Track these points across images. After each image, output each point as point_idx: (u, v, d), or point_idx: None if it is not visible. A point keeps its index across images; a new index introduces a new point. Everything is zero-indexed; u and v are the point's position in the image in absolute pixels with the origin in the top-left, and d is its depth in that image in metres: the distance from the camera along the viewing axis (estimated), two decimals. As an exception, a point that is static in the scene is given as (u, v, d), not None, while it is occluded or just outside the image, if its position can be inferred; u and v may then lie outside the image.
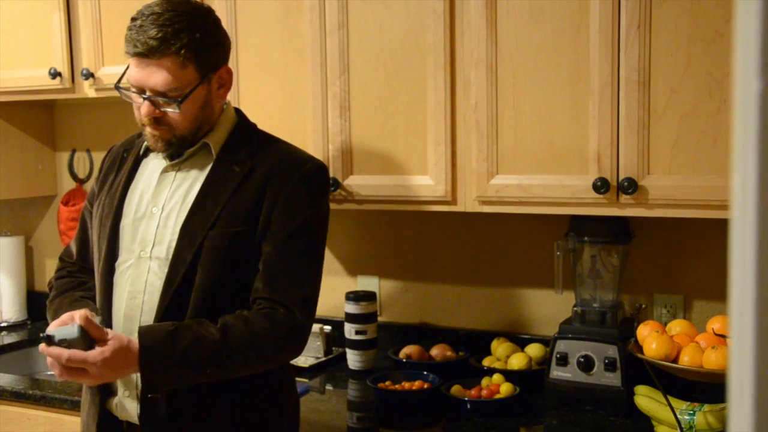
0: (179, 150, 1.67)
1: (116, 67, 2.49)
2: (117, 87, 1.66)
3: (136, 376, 1.62)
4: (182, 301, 1.59)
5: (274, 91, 2.24)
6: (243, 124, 1.74)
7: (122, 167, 1.76)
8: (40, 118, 3.09)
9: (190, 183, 1.66)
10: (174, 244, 1.61)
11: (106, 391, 1.68)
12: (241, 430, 1.64)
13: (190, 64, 1.57)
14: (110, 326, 1.66)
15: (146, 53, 1.54)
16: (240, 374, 1.60)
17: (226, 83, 1.68)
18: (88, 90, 2.57)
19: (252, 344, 1.56)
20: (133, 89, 1.61)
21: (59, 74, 2.57)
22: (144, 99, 1.59)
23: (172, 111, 1.59)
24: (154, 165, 1.72)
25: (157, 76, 1.56)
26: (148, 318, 1.60)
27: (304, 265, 1.64)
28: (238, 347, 1.54)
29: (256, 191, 1.62)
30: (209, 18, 1.63)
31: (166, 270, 1.61)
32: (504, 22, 1.95)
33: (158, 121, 1.61)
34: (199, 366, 1.53)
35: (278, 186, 1.63)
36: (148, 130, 1.63)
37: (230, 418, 1.62)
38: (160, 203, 1.66)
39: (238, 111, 1.77)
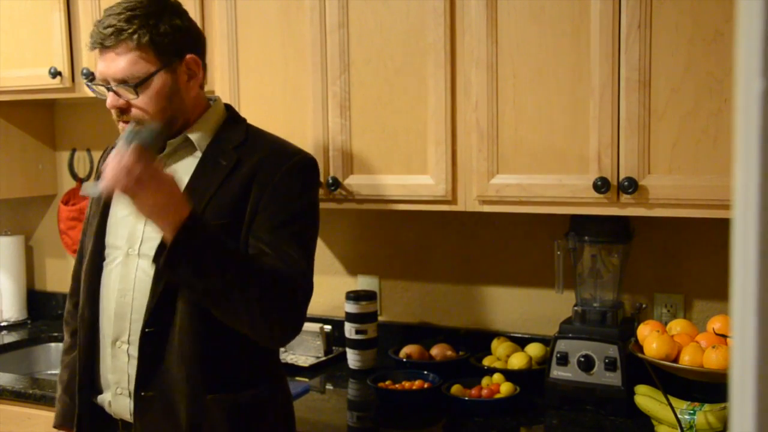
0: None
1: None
2: (88, 84, 1.66)
3: (129, 373, 1.61)
4: (172, 296, 1.57)
5: (275, 91, 2.24)
6: (231, 119, 1.71)
7: None
8: (41, 117, 3.09)
9: (177, 179, 1.64)
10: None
11: (93, 388, 1.67)
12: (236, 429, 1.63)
13: (148, 50, 1.57)
14: (98, 323, 1.66)
15: (102, 42, 1.57)
16: (250, 309, 1.49)
17: (196, 74, 1.64)
18: (88, 89, 2.57)
19: (272, 274, 1.51)
20: (101, 83, 1.61)
21: (59, 73, 2.57)
22: (108, 90, 1.60)
23: (132, 98, 1.58)
24: None
25: (115, 64, 1.57)
26: (139, 315, 1.59)
27: (295, 250, 1.58)
28: (260, 269, 1.50)
29: (242, 184, 1.59)
30: (168, 6, 1.62)
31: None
32: (504, 22, 1.95)
33: (124, 112, 1.60)
34: (227, 262, 1.46)
35: (265, 178, 1.60)
36: (120, 125, 1.62)
37: (225, 418, 1.60)
38: None
39: (227, 106, 1.75)
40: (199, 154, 1.65)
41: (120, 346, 1.62)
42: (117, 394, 1.64)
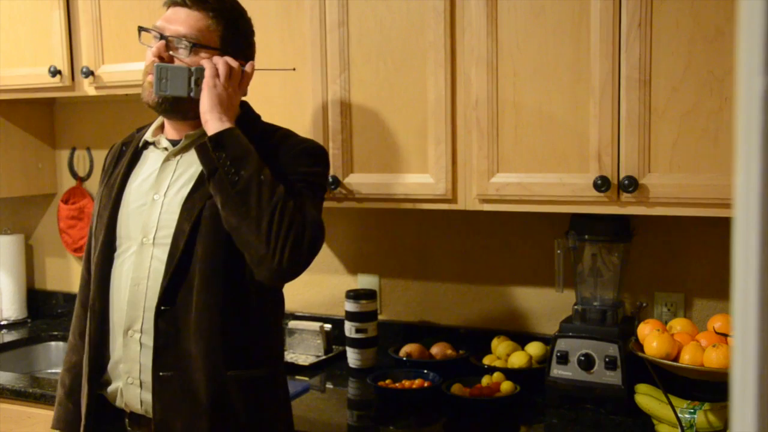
0: (170, 111, 1.68)
1: (116, 65, 2.49)
2: (140, 27, 1.71)
3: (141, 362, 1.61)
4: (187, 275, 1.59)
5: (275, 90, 2.24)
6: (246, 115, 1.75)
7: (120, 160, 1.77)
8: (40, 116, 3.09)
9: (193, 170, 1.65)
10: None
11: (99, 381, 1.68)
12: (253, 416, 1.63)
13: (217, 31, 1.67)
14: (108, 313, 1.67)
15: (184, 1, 1.65)
16: (270, 216, 1.51)
17: (240, 77, 1.69)
18: (87, 88, 2.57)
19: (291, 201, 1.55)
20: (155, 31, 1.66)
21: (59, 72, 2.57)
22: (161, 38, 1.65)
23: (181, 55, 1.64)
24: (154, 156, 1.72)
25: (184, 22, 1.64)
26: (153, 303, 1.60)
27: (304, 199, 1.61)
28: (284, 191, 1.55)
29: None
30: (246, 18, 1.75)
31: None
32: (505, 20, 1.94)
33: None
34: (262, 165, 1.56)
35: (276, 160, 1.63)
36: (148, 78, 1.65)
37: (243, 394, 1.61)
38: (162, 190, 1.66)
39: (243, 103, 1.77)
40: None
41: (132, 336, 1.63)
42: (128, 384, 1.64)
